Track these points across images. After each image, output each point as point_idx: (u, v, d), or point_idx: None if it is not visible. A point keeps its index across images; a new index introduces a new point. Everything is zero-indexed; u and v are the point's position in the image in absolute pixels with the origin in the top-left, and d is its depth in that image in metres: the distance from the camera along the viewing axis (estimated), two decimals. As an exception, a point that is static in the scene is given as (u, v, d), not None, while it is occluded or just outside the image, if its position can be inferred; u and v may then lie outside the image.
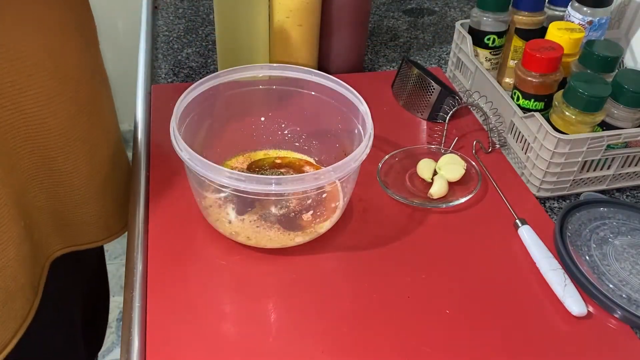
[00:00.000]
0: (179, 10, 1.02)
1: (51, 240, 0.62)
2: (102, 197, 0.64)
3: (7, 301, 0.54)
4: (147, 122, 0.74)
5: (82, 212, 0.63)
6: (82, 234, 0.65)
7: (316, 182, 0.52)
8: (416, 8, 1.08)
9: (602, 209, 0.65)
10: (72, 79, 0.55)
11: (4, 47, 0.48)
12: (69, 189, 0.60)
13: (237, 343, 0.51)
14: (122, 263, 1.72)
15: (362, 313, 0.54)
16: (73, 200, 0.61)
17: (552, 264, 0.58)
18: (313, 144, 0.68)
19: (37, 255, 0.59)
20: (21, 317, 0.56)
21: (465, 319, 0.54)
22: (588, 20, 0.72)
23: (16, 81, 0.49)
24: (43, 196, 0.58)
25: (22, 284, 0.55)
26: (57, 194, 0.59)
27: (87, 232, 0.66)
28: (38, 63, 0.51)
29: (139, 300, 0.53)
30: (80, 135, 0.58)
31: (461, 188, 0.67)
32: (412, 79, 0.78)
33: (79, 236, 0.65)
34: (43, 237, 0.60)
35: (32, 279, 0.57)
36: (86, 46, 0.58)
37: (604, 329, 0.54)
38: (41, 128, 0.53)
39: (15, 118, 0.51)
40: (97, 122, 0.61)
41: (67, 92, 0.55)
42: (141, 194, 0.64)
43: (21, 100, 0.51)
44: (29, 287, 0.57)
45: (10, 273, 0.53)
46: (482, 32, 0.77)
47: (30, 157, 0.54)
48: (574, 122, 0.63)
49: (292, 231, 0.58)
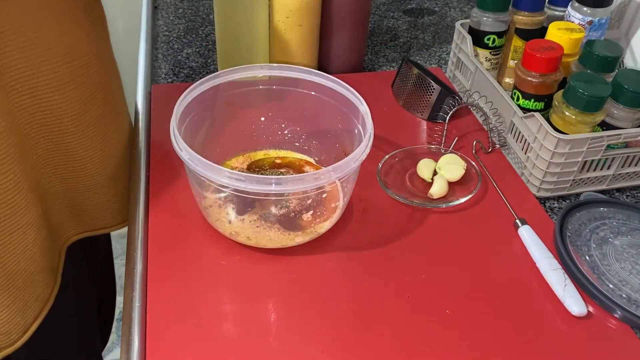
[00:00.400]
0: (179, 10, 1.02)
1: (67, 225, 0.63)
2: (115, 182, 0.65)
3: (28, 284, 0.55)
4: (147, 122, 0.74)
5: (96, 197, 0.64)
6: (96, 219, 0.66)
7: (316, 182, 0.52)
8: (416, 8, 1.08)
9: (602, 209, 0.65)
10: (84, 65, 0.56)
11: (15, 34, 0.48)
12: (83, 174, 0.61)
13: (237, 343, 0.51)
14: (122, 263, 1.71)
15: (362, 313, 0.54)
16: (87, 186, 0.62)
17: (552, 264, 0.58)
18: (313, 144, 0.68)
19: (55, 240, 0.60)
20: (42, 301, 0.58)
21: (465, 319, 0.54)
22: (588, 20, 0.72)
23: (29, 67, 0.50)
24: (58, 182, 0.59)
25: (42, 268, 0.56)
26: (72, 179, 0.60)
27: (102, 217, 0.67)
28: (50, 49, 0.52)
29: (139, 300, 0.53)
30: (93, 121, 0.59)
31: (461, 188, 0.67)
32: (412, 79, 0.78)
33: (93, 221, 0.66)
34: (59, 223, 0.61)
35: (51, 263, 0.58)
36: (97, 35, 0.59)
37: (604, 329, 0.54)
38: (55, 113, 0.54)
39: (29, 103, 0.52)
40: (110, 109, 0.62)
41: (79, 77, 0.55)
42: (141, 194, 0.64)
43: (35, 86, 0.52)
44: (49, 271, 0.58)
45: (31, 256, 0.54)
46: (482, 32, 0.77)
47: (45, 142, 0.55)
48: (574, 122, 0.63)
49: (292, 231, 0.58)
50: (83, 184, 0.62)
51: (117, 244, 1.82)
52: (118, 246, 1.85)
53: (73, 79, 0.55)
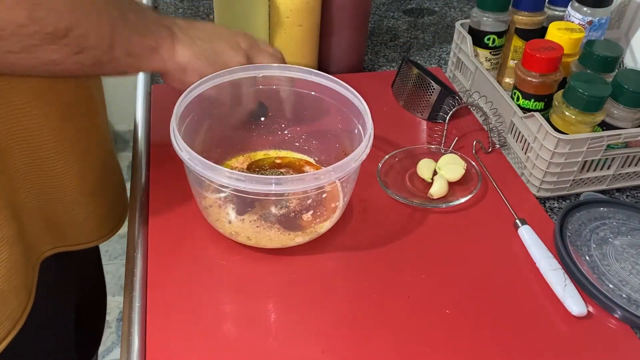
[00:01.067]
0: (179, 10, 1.02)
1: (42, 240, 0.61)
2: (93, 198, 0.64)
3: (0, 304, 0.53)
4: (147, 122, 0.74)
5: (73, 214, 0.62)
6: (72, 235, 0.64)
7: (316, 182, 0.52)
8: (416, 8, 1.08)
9: (602, 209, 0.65)
10: (62, 78, 0.54)
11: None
12: (60, 190, 0.59)
13: (237, 343, 0.51)
14: (122, 263, 1.72)
15: (362, 313, 0.54)
16: (64, 202, 0.60)
17: (552, 264, 0.58)
18: (313, 144, 0.68)
19: (29, 255, 0.58)
20: (14, 319, 0.55)
21: (465, 319, 0.54)
22: (588, 20, 0.72)
23: (6, 78, 0.49)
24: (34, 197, 0.57)
25: (15, 286, 0.54)
26: (48, 195, 0.59)
27: (78, 234, 0.65)
28: None
29: (139, 300, 0.53)
30: (71, 137, 0.57)
31: (461, 188, 0.67)
32: (412, 79, 0.78)
33: (69, 237, 0.64)
34: (33, 238, 0.59)
35: (25, 280, 0.57)
36: None
37: (604, 329, 0.54)
38: (33, 126, 0.53)
39: (6, 114, 0.50)
40: (90, 125, 0.60)
41: (58, 89, 0.54)
42: (141, 194, 0.64)
43: (12, 97, 0.50)
44: (22, 289, 0.56)
45: (3, 275, 0.52)
46: (482, 32, 0.77)
47: (22, 157, 0.54)
48: (574, 122, 0.63)
49: (292, 231, 0.58)
50: (60, 200, 0.60)
51: (117, 244, 1.83)
52: (118, 246, 1.86)
53: (52, 92, 0.53)
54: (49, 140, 0.55)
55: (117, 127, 2.11)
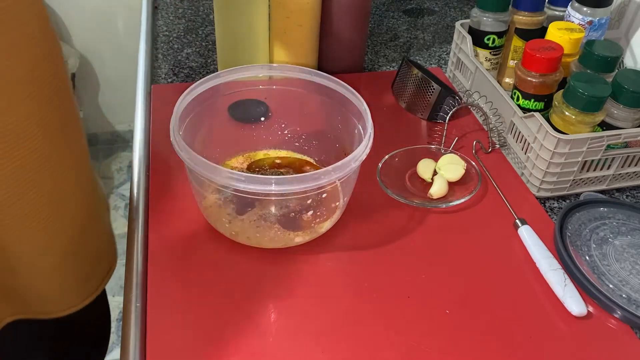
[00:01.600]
0: (179, 10, 1.02)
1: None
2: (59, 272, 0.56)
3: None
4: (147, 122, 0.74)
5: (35, 287, 0.55)
6: (33, 306, 0.57)
7: (316, 182, 0.52)
8: (416, 8, 1.08)
9: (602, 209, 0.65)
10: (25, 135, 0.46)
11: None
12: (17, 264, 0.52)
13: (237, 343, 0.51)
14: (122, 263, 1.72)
15: (362, 313, 0.54)
16: (23, 274, 0.53)
17: (552, 264, 0.58)
18: (313, 144, 0.68)
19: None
20: None
21: (465, 319, 0.54)
22: (588, 20, 0.72)
23: None
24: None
25: None
26: (3, 270, 0.52)
27: (39, 305, 0.58)
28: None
29: (139, 300, 0.53)
30: (29, 211, 0.50)
31: (461, 188, 0.67)
32: (412, 79, 0.78)
33: (30, 307, 0.57)
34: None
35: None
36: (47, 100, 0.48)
37: (604, 329, 0.54)
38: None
39: None
40: (59, 191, 0.52)
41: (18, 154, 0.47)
42: (141, 194, 0.64)
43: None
44: None
45: None
46: (482, 32, 0.77)
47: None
48: (574, 122, 0.63)
49: (292, 231, 0.58)
50: (9, 269, 0.52)
51: (117, 244, 1.82)
52: (118, 246, 1.85)
53: (6, 154, 0.46)
54: (3, 215, 0.47)
55: (117, 127, 2.11)
